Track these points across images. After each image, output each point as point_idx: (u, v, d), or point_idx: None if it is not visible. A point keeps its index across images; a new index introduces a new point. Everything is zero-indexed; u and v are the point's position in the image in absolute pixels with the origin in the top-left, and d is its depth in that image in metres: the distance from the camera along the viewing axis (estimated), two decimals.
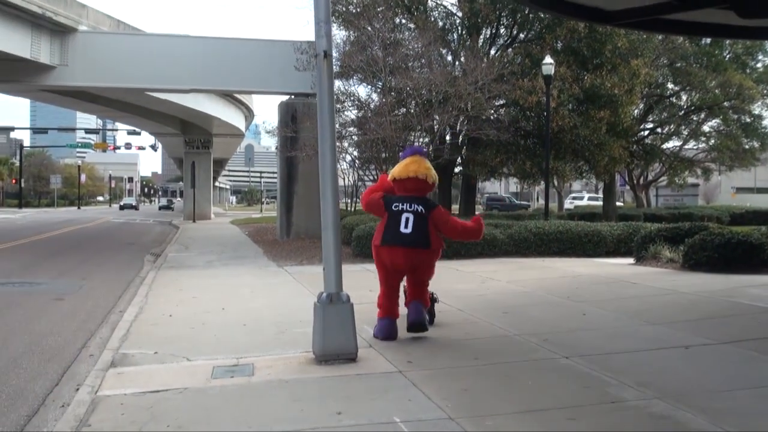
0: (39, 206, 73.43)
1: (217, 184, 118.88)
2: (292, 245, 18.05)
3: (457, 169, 26.16)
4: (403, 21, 22.37)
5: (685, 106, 30.31)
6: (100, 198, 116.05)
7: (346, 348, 5.92)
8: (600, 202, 40.87)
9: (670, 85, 29.71)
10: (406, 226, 6.58)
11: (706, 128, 32.09)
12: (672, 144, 33.62)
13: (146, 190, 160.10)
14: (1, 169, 74.90)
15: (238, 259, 14.93)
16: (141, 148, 67.86)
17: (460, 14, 23.41)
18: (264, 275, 12.17)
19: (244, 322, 7.80)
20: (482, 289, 9.96)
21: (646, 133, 31.17)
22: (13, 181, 72.21)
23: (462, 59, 21.02)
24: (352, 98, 21.37)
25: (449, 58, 22.52)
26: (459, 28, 23.73)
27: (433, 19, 23.32)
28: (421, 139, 20.41)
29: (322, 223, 5.98)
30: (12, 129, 71.45)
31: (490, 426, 4.31)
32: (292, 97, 22.85)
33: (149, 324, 7.88)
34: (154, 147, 63.59)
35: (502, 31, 23.89)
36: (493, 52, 23.27)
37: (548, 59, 19.20)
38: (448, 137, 24.40)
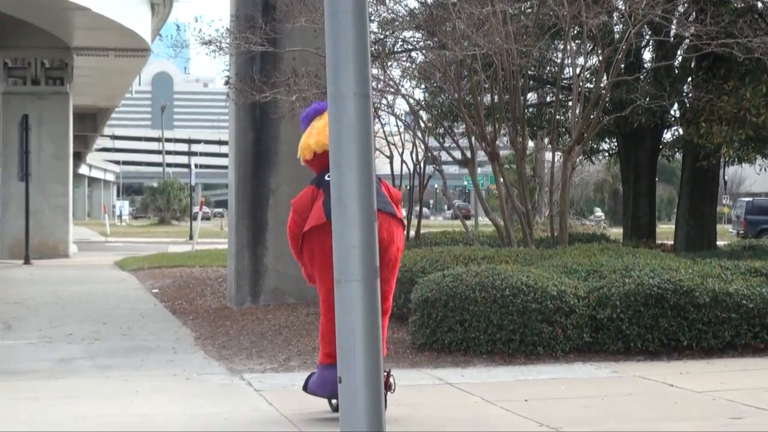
0: None
1: (84, 170, 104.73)
2: (262, 320, 17.09)
3: (668, 135, 25.08)
4: None
5: None
6: None
7: None
8: None
9: None
10: None
11: None
12: None
13: None
14: None
15: (135, 354, 14.17)
16: None
17: None
18: (196, 395, 10.76)
19: None
20: None
21: None
22: None
23: None
24: None
25: None
26: None
27: None
28: (581, 61, 18.61)
29: (335, 268, 5.64)
30: None
31: None
32: None
33: None
34: None
35: None
36: None
37: None
38: (646, 55, 23.08)
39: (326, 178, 8.61)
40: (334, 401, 8.69)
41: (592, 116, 17.70)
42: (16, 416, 10.08)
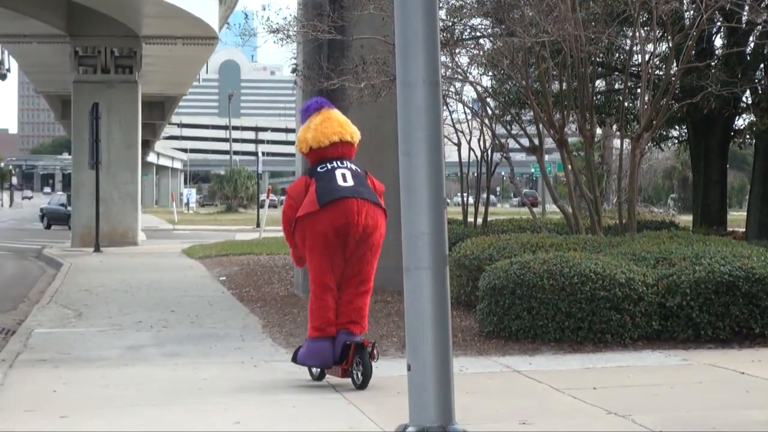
0: None
1: (152, 158, 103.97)
2: None
3: (740, 122, 24.15)
4: None
5: None
6: None
7: None
8: None
9: None
10: (344, 180, 9.51)
11: None
12: None
13: None
14: None
15: (203, 342, 13.72)
16: None
17: None
18: (264, 382, 10.62)
19: None
20: None
21: None
22: None
23: None
24: None
25: None
26: None
27: None
28: (650, 48, 18.27)
29: (404, 256, 5.73)
30: None
31: None
32: None
33: None
34: (1, 73, 57.08)
35: None
36: None
37: None
38: (717, 41, 22.32)
39: (318, 169, 9.72)
40: (314, 370, 9.94)
41: (661, 103, 17.13)
42: (86, 404, 10.01)
